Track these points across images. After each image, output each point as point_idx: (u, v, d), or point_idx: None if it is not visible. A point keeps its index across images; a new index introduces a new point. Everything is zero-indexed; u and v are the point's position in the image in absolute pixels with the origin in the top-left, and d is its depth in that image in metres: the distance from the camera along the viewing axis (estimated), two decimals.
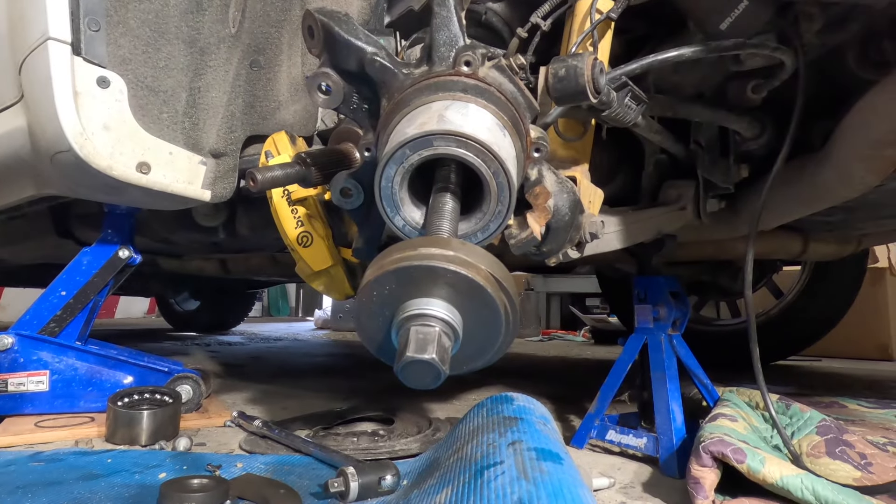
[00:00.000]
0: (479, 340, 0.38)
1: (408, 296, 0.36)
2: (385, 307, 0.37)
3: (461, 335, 0.37)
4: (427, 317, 0.35)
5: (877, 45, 0.92)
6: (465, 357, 0.38)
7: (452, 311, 0.36)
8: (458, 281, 0.36)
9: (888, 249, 3.18)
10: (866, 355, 3.11)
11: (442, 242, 0.38)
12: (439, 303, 0.36)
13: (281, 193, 1.01)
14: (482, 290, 0.36)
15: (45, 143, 0.97)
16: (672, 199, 1.15)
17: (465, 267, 0.36)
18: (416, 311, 0.36)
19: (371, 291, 0.37)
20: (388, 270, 0.36)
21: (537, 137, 0.59)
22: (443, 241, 0.40)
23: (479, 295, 0.36)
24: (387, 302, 0.37)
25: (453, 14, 0.56)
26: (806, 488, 0.77)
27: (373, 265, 0.38)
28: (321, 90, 0.60)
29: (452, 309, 0.36)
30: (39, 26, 0.92)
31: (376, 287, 0.36)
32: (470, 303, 0.36)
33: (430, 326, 0.35)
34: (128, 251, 1.41)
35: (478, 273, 0.36)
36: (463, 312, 0.37)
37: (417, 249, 0.37)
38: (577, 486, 0.69)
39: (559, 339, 4.65)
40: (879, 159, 0.93)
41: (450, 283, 0.36)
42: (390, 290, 0.36)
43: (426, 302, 0.36)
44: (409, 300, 0.36)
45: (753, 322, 0.97)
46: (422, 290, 0.36)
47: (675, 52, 0.80)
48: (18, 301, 6.34)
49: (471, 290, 0.36)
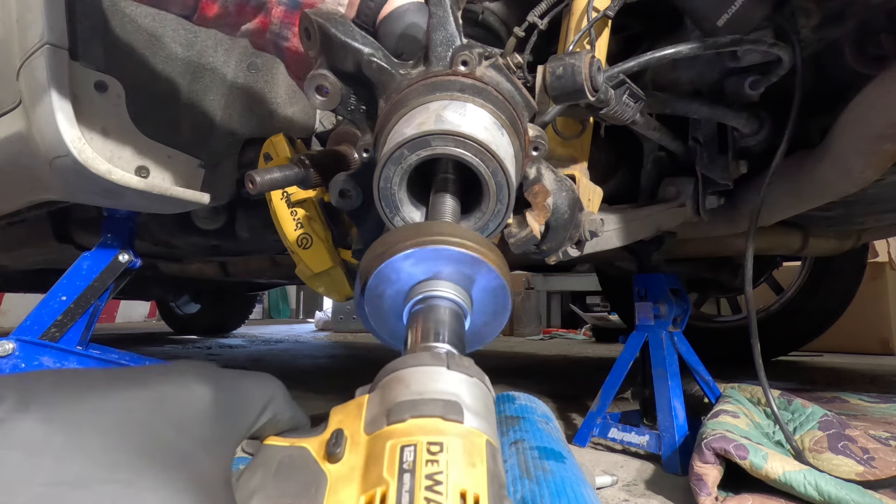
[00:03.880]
0: (489, 315, 0.39)
1: (414, 279, 0.37)
2: (392, 293, 0.37)
3: (471, 312, 0.37)
4: (438, 298, 0.36)
5: (874, 39, 0.92)
6: (475, 335, 0.39)
7: (460, 290, 0.37)
8: (463, 258, 0.36)
9: (888, 244, 3.18)
10: (867, 350, 3.11)
11: (435, 226, 0.39)
12: (447, 283, 0.36)
13: (280, 195, 1.01)
14: (485, 264, 0.36)
15: (44, 147, 0.97)
16: (671, 196, 1.15)
17: (467, 243, 0.37)
18: (426, 294, 0.36)
19: (378, 280, 0.37)
20: (398, 255, 0.36)
21: (535, 136, 0.59)
22: (435, 224, 0.41)
23: (483, 268, 0.36)
24: (394, 287, 0.37)
25: (449, 14, 0.56)
26: (809, 484, 0.77)
27: (374, 254, 0.38)
28: (319, 92, 0.60)
29: (459, 288, 0.37)
30: (37, 31, 0.92)
31: (384, 272, 0.37)
32: (476, 279, 0.37)
33: (441, 307, 0.35)
34: (127, 255, 1.41)
35: (478, 248, 0.37)
36: (470, 289, 0.37)
37: (419, 233, 0.37)
38: (581, 485, 0.69)
39: (560, 338, 4.65)
40: (878, 154, 0.93)
41: (455, 261, 0.36)
42: (396, 276, 0.37)
43: (434, 283, 0.36)
44: (417, 283, 0.37)
45: (754, 318, 0.97)
46: (428, 272, 0.37)
47: (672, 49, 0.80)
48: (19, 307, 6.35)
49: (475, 264, 0.36)
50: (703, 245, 1.55)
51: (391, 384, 0.29)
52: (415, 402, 0.27)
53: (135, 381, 0.27)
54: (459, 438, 0.26)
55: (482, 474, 0.25)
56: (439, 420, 0.26)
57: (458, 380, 0.29)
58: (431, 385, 0.28)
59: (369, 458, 0.27)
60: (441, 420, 0.26)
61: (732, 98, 0.99)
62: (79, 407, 0.25)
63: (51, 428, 0.23)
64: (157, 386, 0.27)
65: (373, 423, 0.28)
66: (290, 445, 0.31)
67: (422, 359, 0.30)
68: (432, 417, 0.26)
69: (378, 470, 0.25)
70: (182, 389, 0.28)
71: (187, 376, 0.29)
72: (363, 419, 0.29)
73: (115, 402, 0.25)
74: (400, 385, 0.29)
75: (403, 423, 0.26)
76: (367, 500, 0.25)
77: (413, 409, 0.27)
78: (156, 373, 0.28)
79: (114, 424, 0.25)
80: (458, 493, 0.24)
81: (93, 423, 0.24)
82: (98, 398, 0.25)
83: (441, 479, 0.24)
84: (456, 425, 0.26)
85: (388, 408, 0.28)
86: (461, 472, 0.24)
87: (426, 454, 0.25)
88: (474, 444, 0.26)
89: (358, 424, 0.29)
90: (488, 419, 0.28)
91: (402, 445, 0.25)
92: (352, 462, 0.27)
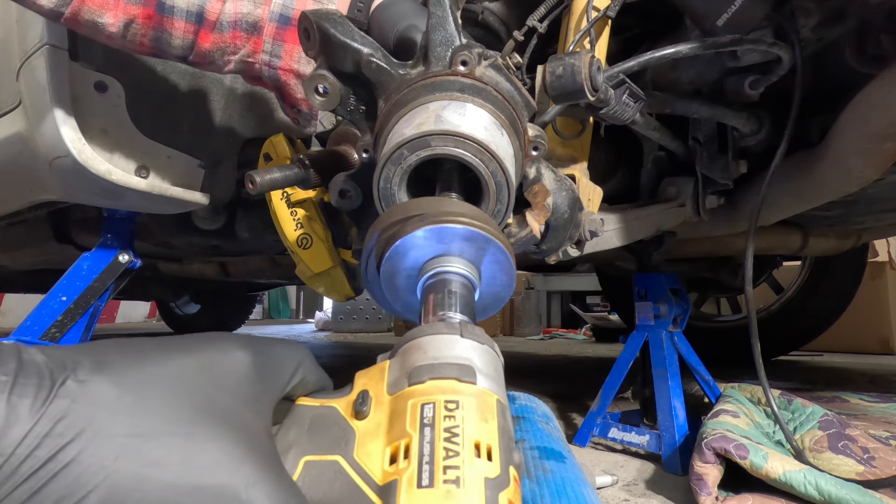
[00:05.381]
0: (496, 288, 0.41)
1: (428, 255, 0.39)
2: (407, 268, 0.40)
3: (479, 286, 0.40)
4: (450, 273, 0.39)
5: (874, 39, 0.92)
6: (483, 307, 0.42)
7: (470, 265, 0.39)
8: (474, 236, 0.39)
9: (888, 244, 3.18)
10: (867, 349, 3.11)
11: (435, 202, 0.42)
12: (458, 259, 0.39)
13: (280, 195, 1.01)
14: (493, 241, 0.39)
15: (44, 148, 0.97)
16: (671, 195, 1.15)
17: (477, 222, 0.39)
18: (439, 269, 0.39)
19: (394, 256, 0.40)
20: (414, 232, 0.39)
21: (535, 136, 0.59)
22: (446, 202, 0.44)
23: (491, 245, 0.39)
24: (408, 263, 0.40)
25: (449, 14, 0.56)
26: (809, 483, 0.77)
27: (386, 228, 0.40)
28: (318, 92, 0.60)
29: (469, 263, 0.39)
30: (37, 32, 0.92)
31: (400, 249, 0.39)
32: (485, 255, 0.40)
33: (453, 281, 0.38)
34: (127, 255, 1.41)
35: (486, 227, 0.39)
36: (479, 264, 0.40)
37: (431, 210, 0.40)
38: (581, 485, 0.69)
39: (560, 338, 4.65)
40: (878, 153, 0.93)
41: (466, 238, 0.39)
42: (411, 252, 0.39)
43: (447, 260, 0.39)
44: (430, 259, 0.39)
45: (754, 318, 0.97)
46: (441, 249, 0.39)
47: (672, 48, 0.80)
48: (19, 307, 6.35)
49: (484, 242, 0.39)
50: (703, 245, 1.55)
51: (410, 350, 0.32)
52: (433, 366, 0.30)
53: (182, 349, 0.31)
54: (473, 398, 0.29)
55: (494, 428, 0.28)
56: (455, 381, 0.29)
57: (471, 346, 0.31)
58: (447, 351, 0.31)
59: (393, 415, 0.30)
60: (457, 381, 0.29)
61: (732, 98, 0.99)
62: (140, 371, 0.29)
63: (122, 389, 0.27)
64: (202, 352, 0.31)
65: (395, 385, 0.31)
66: (320, 405, 0.34)
67: (438, 328, 0.32)
68: (449, 379, 0.29)
69: (401, 425, 0.28)
70: (223, 355, 0.32)
71: (226, 343, 0.33)
72: (385, 381, 0.32)
73: (169, 368, 0.30)
74: (419, 351, 0.31)
75: (423, 384, 0.29)
76: (393, 450, 0.28)
77: (431, 372, 0.30)
78: (198, 341, 0.33)
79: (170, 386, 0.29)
80: (472, 443, 0.27)
81: (153, 385, 0.28)
82: (154, 364, 0.29)
83: (458, 432, 0.27)
84: (470, 386, 0.29)
85: (408, 371, 0.31)
86: (475, 426, 0.27)
87: (444, 411, 0.28)
88: (486, 402, 0.29)
89: (381, 386, 0.32)
90: (498, 381, 0.31)
91: (423, 403, 0.28)
92: (377, 419, 0.30)
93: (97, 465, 0.25)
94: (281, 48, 0.76)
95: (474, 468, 0.26)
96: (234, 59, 0.78)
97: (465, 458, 0.26)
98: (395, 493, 0.26)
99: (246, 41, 0.76)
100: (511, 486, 0.27)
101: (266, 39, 0.76)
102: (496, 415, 0.29)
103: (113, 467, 0.25)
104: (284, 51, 0.77)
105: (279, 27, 0.76)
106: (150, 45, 0.76)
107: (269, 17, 0.75)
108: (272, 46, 0.76)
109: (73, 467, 0.24)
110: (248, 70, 0.80)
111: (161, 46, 0.76)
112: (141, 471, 0.25)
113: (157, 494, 0.25)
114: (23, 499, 0.24)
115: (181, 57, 0.78)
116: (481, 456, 0.26)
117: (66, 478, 0.24)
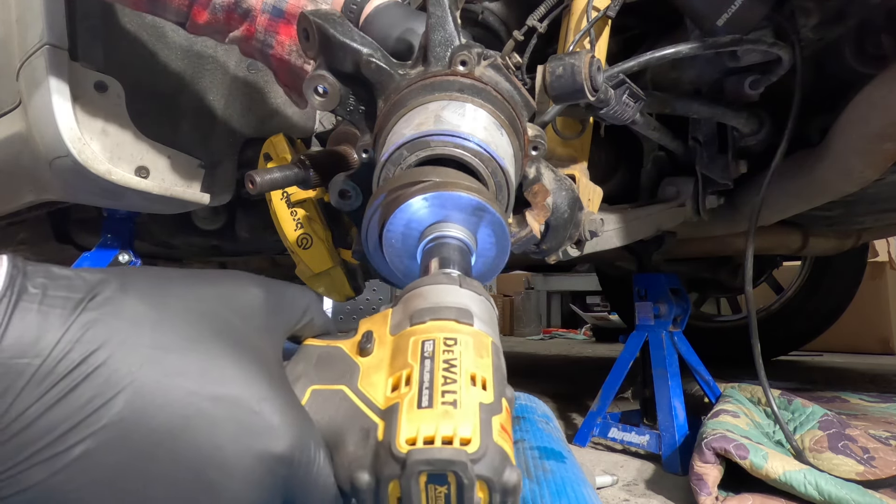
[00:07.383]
0: (490, 256, 0.44)
1: (428, 221, 0.42)
2: (408, 233, 0.43)
3: (475, 252, 0.43)
4: (449, 237, 0.41)
5: (874, 39, 0.92)
6: (478, 274, 0.44)
7: (467, 231, 0.42)
8: (472, 204, 0.41)
9: (888, 243, 3.18)
10: (867, 349, 3.11)
11: (443, 172, 0.45)
12: (457, 226, 0.41)
13: (280, 195, 1.01)
14: (489, 209, 0.41)
15: (44, 148, 0.97)
16: (671, 195, 1.15)
17: (471, 191, 0.42)
18: (439, 234, 0.41)
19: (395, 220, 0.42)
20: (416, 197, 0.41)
21: (535, 135, 0.59)
22: (443, 171, 0.46)
23: (487, 213, 0.42)
24: (409, 228, 0.42)
25: (448, 14, 0.56)
26: (809, 483, 0.77)
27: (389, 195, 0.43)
28: (317, 93, 0.60)
29: (467, 230, 0.42)
30: (37, 31, 0.92)
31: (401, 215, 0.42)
32: (481, 223, 0.42)
33: (452, 245, 0.40)
34: (127, 255, 1.41)
35: (480, 194, 0.42)
36: (475, 232, 0.42)
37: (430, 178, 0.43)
38: (581, 485, 0.69)
39: (560, 338, 4.65)
40: (878, 153, 0.93)
41: (464, 206, 0.41)
42: (412, 218, 0.42)
43: (446, 225, 0.41)
44: (430, 224, 0.42)
45: (754, 317, 0.97)
46: (440, 215, 0.42)
47: (672, 49, 0.80)
48: None
49: (480, 210, 0.41)
50: (703, 245, 1.55)
51: (412, 298, 0.34)
52: (433, 309, 0.32)
53: (204, 280, 0.34)
54: (470, 336, 0.31)
55: (488, 364, 0.30)
56: (454, 322, 0.32)
57: (469, 295, 0.34)
58: (446, 298, 0.33)
59: (395, 350, 0.32)
60: (455, 322, 0.32)
61: (732, 98, 0.99)
62: (165, 294, 0.31)
63: (146, 307, 0.29)
64: (222, 284, 0.34)
65: (398, 326, 0.34)
66: (327, 345, 0.36)
67: (438, 278, 0.35)
68: (448, 320, 0.32)
69: (403, 358, 0.31)
70: (241, 288, 0.35)
71: (244, 279, 0.36)
72: (389, 324, 0.34)
73: (192, 293, 0.32)
74: (420, 298, 0.34)
75: (424, 324, 0.32)
76: (395, 380, 0.30)
77: (432, 314, 0.32)
78: (219, 275, 0.35)
79: (191, 309, 0.31)
80: (469, 375, 0.29)
81: (176, 306, 0.30)
82: (178, 288, 0.32)
83: (455, 364, 0.29)
84: (467, 327, 0.32)
85: (410, 314, 0.33)
86: (472, 360, 0.30)
87: (443, 346, 0.30)
88: (482, 342, 0.31)
89: (384, 328, 0.34)
90: (493, 327, 0.34)
91: (423, 340, 0.31)
92: (380, 355, 0.33)
93: (124, 370, 0.27)
94: (273, 39, 0.77)
95: (470, 394, 0.28)
96: (228, 36, 0.79)
97: (462, 384, 0.28)
98: (397, 413, 0.28)
99: (240, 24, 0.77)
100: (503, 413, 0.29)
101: (259, 28, 0.77)
102: (490, 353, 0.31)
103: (138, 373, 0.27)
104: (277, 41, 0.78)
105: (272, 18, 0.76)
106: (146, 4, 0.76)
107: (261, 8, 0.76)
108: (265, 36, 0.77)
109: (102, 370, 0.26)
110: (243, 47, 0.81)
111: (156, 11, 0.77)
112: (164, 378, 0.27)
113: (179, 400, 0.27)
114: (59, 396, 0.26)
115: (178, 22, 0.79)
116: (476, 385, 0.29)
117: (96, 378, 0.26)
